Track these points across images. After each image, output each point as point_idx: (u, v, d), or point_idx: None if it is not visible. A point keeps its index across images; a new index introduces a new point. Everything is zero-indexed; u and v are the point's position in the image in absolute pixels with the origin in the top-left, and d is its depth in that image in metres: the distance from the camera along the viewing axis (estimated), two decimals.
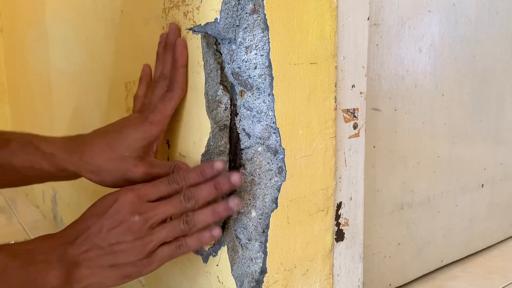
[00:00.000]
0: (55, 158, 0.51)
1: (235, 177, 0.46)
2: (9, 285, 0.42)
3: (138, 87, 0.57)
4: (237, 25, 0.46)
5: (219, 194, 0.47)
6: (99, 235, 0.45)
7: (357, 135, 0.56)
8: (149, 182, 0.48)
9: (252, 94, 0.47)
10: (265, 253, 0.49)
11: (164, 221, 0.47)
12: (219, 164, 0.47)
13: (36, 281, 0.43)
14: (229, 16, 0.45)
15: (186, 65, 0.51)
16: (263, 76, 0.46)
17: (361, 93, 0.56)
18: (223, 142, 0.49)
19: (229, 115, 0.49)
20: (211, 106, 0.49)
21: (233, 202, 0.47)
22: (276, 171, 0.49)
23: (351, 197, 0.57)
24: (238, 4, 0.45)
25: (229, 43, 0.47)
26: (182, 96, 0.51)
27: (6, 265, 0.42)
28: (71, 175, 0.53)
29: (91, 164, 0.50)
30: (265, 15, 0.45)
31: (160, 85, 0.52)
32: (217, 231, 0.48)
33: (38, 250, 0.45)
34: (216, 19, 0.46)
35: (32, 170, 0.52)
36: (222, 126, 0.49)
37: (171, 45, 0.51)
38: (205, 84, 0.49)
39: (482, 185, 0.93)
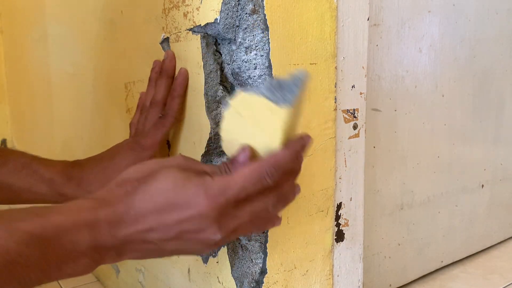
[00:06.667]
0: (54, 184, 0.51)
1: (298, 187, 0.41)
2: (20, 277, 0.30)
3: (134, 114, 0.58)
4: (237, 26, 0.46)
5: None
6: (164, 225, 0.35)
7: (357, 135, 0.56)
8: (234, 179, 0.36)
9: None
10: (265, 253, 0.49)
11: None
12: (308, 138, 0.39)
13: (60, 270, 0.32)
14: (229, 16, 0.45)
15: (183, 95, 0.52)
16: (263, 77, 0.46)
17: (361, 93, 0.56)
18: None
19: None
20: (211, 106, 0.49)
21: (298, 188, 0.41)
22: None
23: (351, 198, 0.57)
24: (238, 5, 0.45)
25: (229, 43, 0.47)
26: (174, 123, 0.52)
27: (21, 252, 0.30)
28: (68, 200, 0.52)
29: (88, 191, 0.51)
30: (265, 15, 0.45)
31: (152, 111, 0.53)
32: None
33: (67, 226, 0.33)
34: (216, 19, 0.46)
35: (29, 192, 0.51)
36: None
37: (166, 72, 0.52)
38: (205, 85, 0.49)
39: (482, 186, 0.93)
